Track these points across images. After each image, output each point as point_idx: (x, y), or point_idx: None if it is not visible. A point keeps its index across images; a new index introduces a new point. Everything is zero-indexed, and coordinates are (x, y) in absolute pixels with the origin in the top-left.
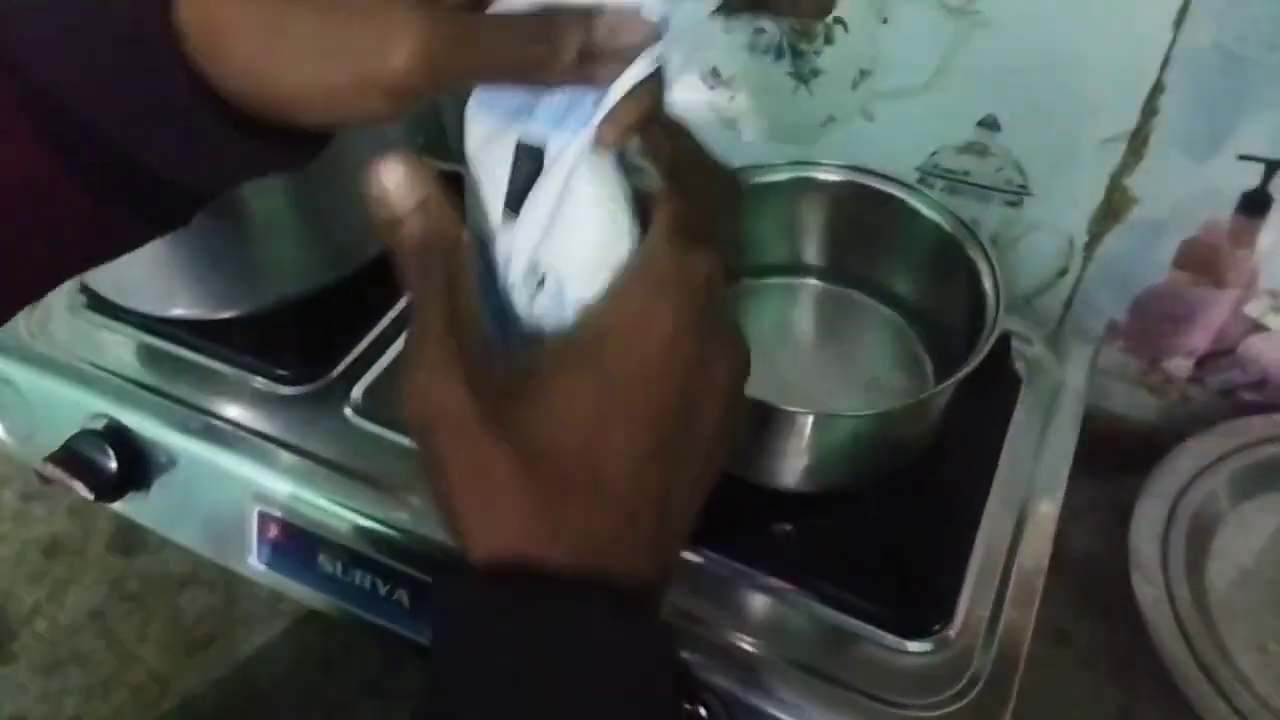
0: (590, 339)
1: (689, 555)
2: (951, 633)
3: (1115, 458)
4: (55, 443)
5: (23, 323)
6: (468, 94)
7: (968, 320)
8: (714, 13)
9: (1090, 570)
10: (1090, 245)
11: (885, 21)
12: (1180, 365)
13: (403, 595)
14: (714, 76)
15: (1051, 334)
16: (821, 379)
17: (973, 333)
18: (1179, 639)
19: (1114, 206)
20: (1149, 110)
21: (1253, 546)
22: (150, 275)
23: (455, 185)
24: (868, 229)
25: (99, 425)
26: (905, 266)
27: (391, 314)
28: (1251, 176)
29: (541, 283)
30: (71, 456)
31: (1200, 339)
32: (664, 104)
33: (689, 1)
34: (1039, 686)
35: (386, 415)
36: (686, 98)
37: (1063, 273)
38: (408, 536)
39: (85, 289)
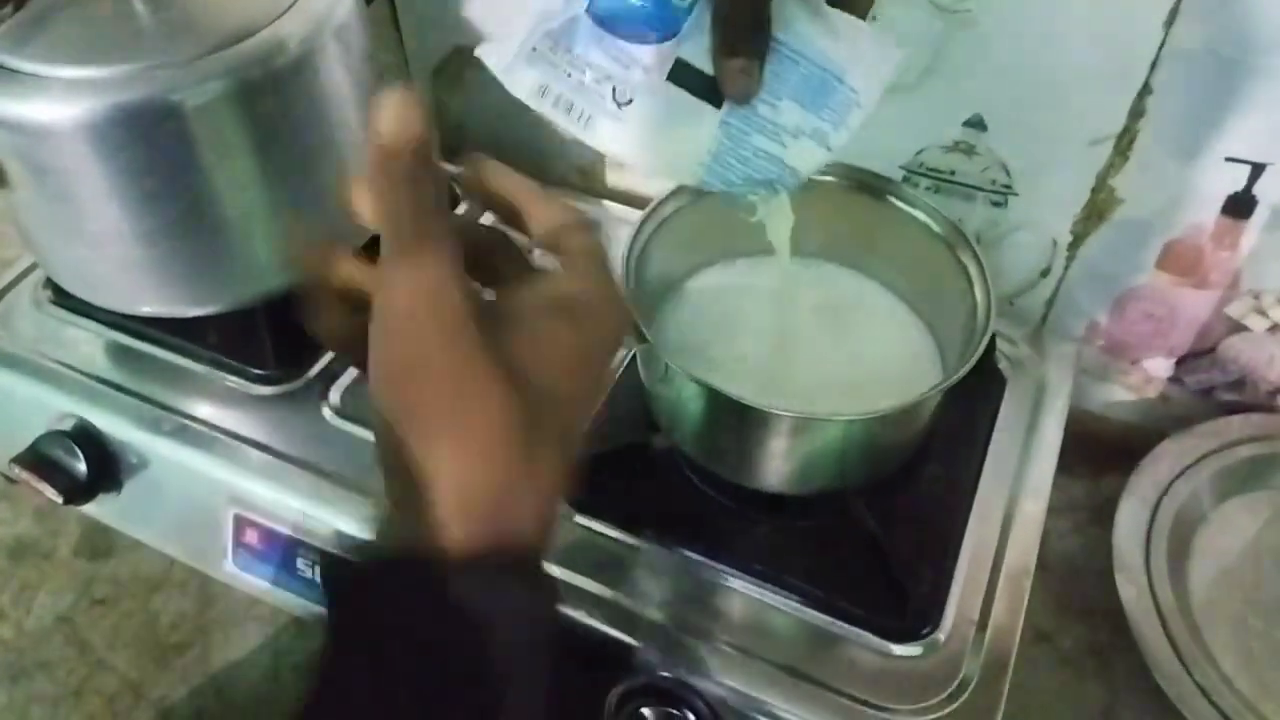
0: (577, 300)
1: (676, 555)
2: (940, 636)
3: (1095, 457)
4: (22, 444)
5: None
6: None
7: (959, 320)
8: None
9: (1071, 569)
10: (1074, 245)
11: (874, 19)
12: (1160, 365)
13: None
14: None
15: (1034, 334)
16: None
17: (965, 332)
18: (1162, 638)
19: (1099, 207)
20: (1136, 111)
21: (1234, 546)
22: (119, 271)
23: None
24: (860, 226)
25: (67, 425)
26: (899, 263)
27: None
28: (1237, 179)
29: None
30: (39, 458)
31: (1181, 339)
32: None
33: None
34: (1021, 686)
35: (365, 416)
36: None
37: (1045, 272)
38: None
39: (50, 284)
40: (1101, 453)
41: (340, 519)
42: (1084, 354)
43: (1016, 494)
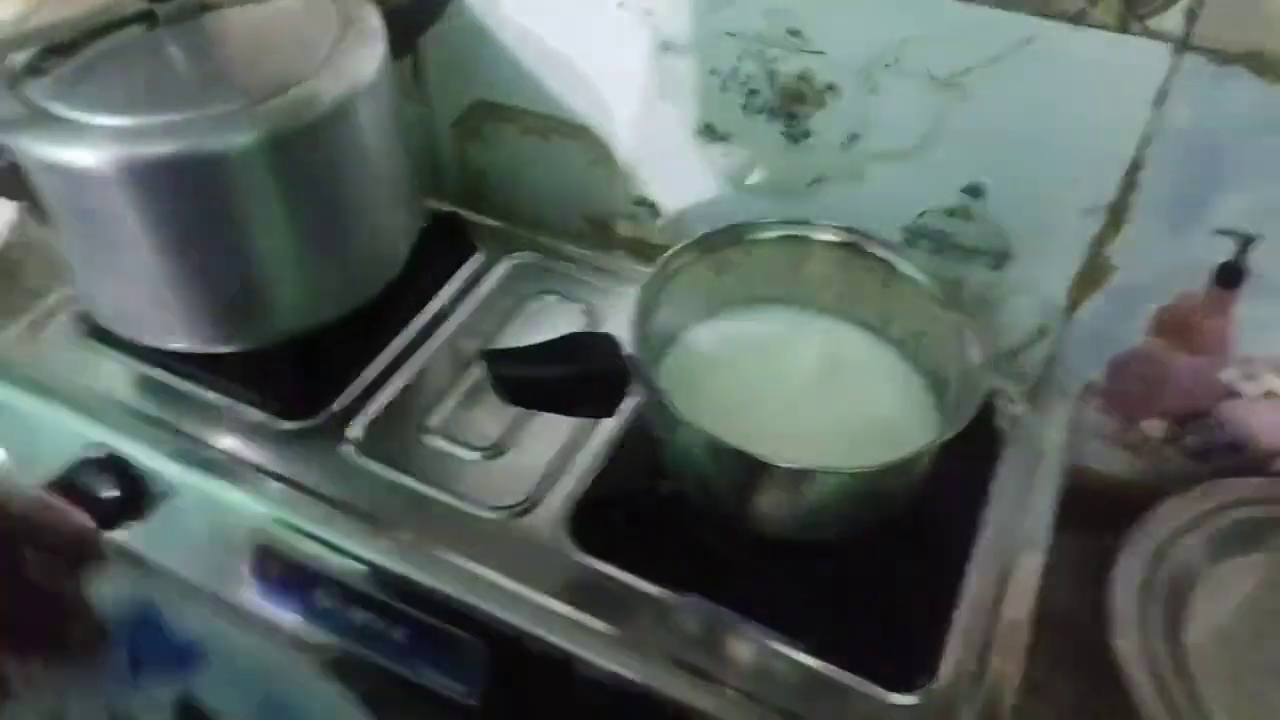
0: None
1: (680, 597)
2: (936, 686)
3: (1092, 513)
4: (55, 470)
5: (21, 349)
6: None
7: (958, 376)
8: None
9: (1067, 624)
10: (1069, 309)
11: (875, 90)
12: (1156, 426)
13: (400, 633)
14: (710, 132)
15: (1032, 391)
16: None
17: (963, 388)
18: (1156, 696)
19: (1093, 273)
20: (1128, 184)
21: (1230, 607)
22: (152, 308)
23: (450, 223)
24: (861, 283)
25: (99, 454)
26: (899, 320)
27: (391, 352)
28: (1227, 250)
29: None
30: (70, 485)
31: (1175, 402)
32: None
33: None
34: None
35: (383, 453)
36: (679, 150)
37: (1043, 333)
38: (403, 574)
39: (85, 317)
40: (1100, 509)
41: (357, 552)
42: (1082, 413)
43: (1014, 547)
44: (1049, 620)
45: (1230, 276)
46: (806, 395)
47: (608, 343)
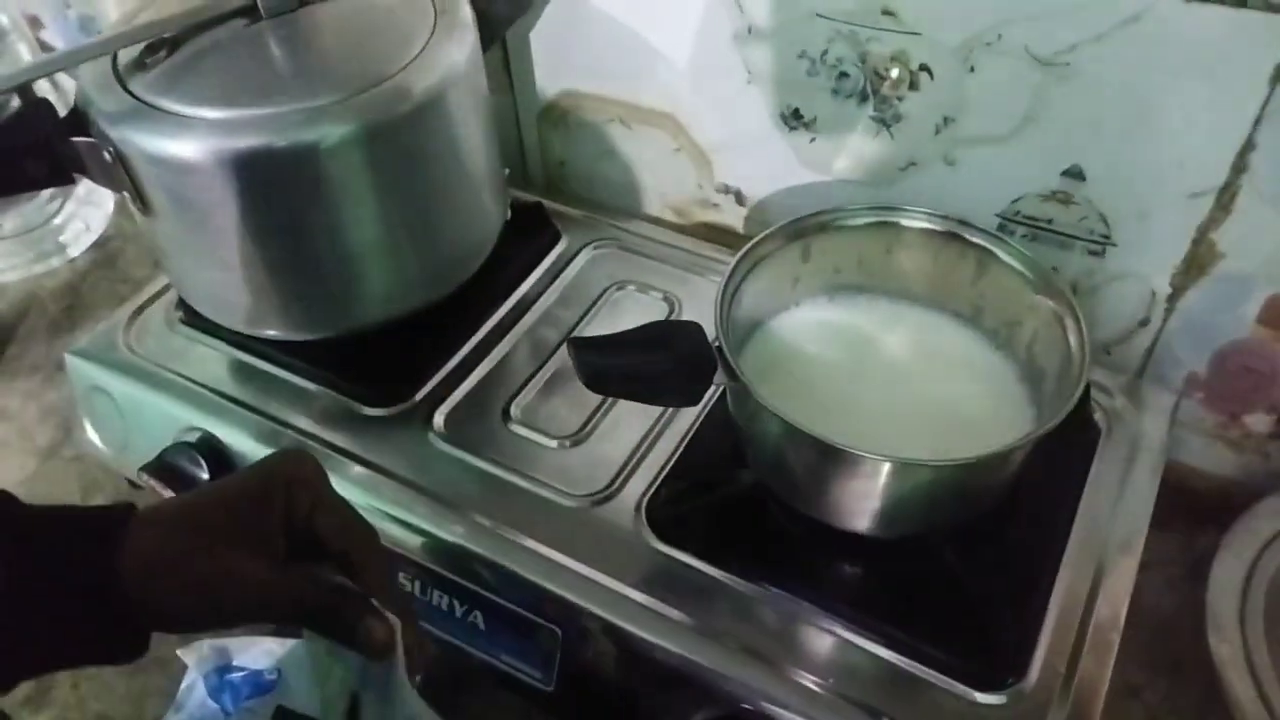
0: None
1: (760, 589)
2: (1025, 687)
3: (1191, 511)
4: (149, 453)
5: (120, 336)
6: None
7: (1054, 367)
8: None
9: (1163, 625)
10: (1173, 297)
11: (973, 70)
12: (1260, 421)
13: (478, 617)
14: (795, 118)
15: (1131, 384)
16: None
17: (1059, 380)
18: (1256, 700)
19: (1199, 260)
20: (1239, 166)
21: None
22: (246, 296)
23: (535, 212)
24: (954, 271)
25: (193, 438)
26: (993, 309)
27: (474, 341)
28: None
29: None
30: (166, 467)
31: None
32: None
33: None
34: None
35: (467, 440)
36: (765, 136)
37: (1144, 323)
38: (483, 558)
39: (181, 304)
40: (1198, 508)
41: (439, 536)
42: (1182, 407)
43: (1108, 546)
44: (1145, 620)
45: None
46: (894, 386)
47: (694, 331)
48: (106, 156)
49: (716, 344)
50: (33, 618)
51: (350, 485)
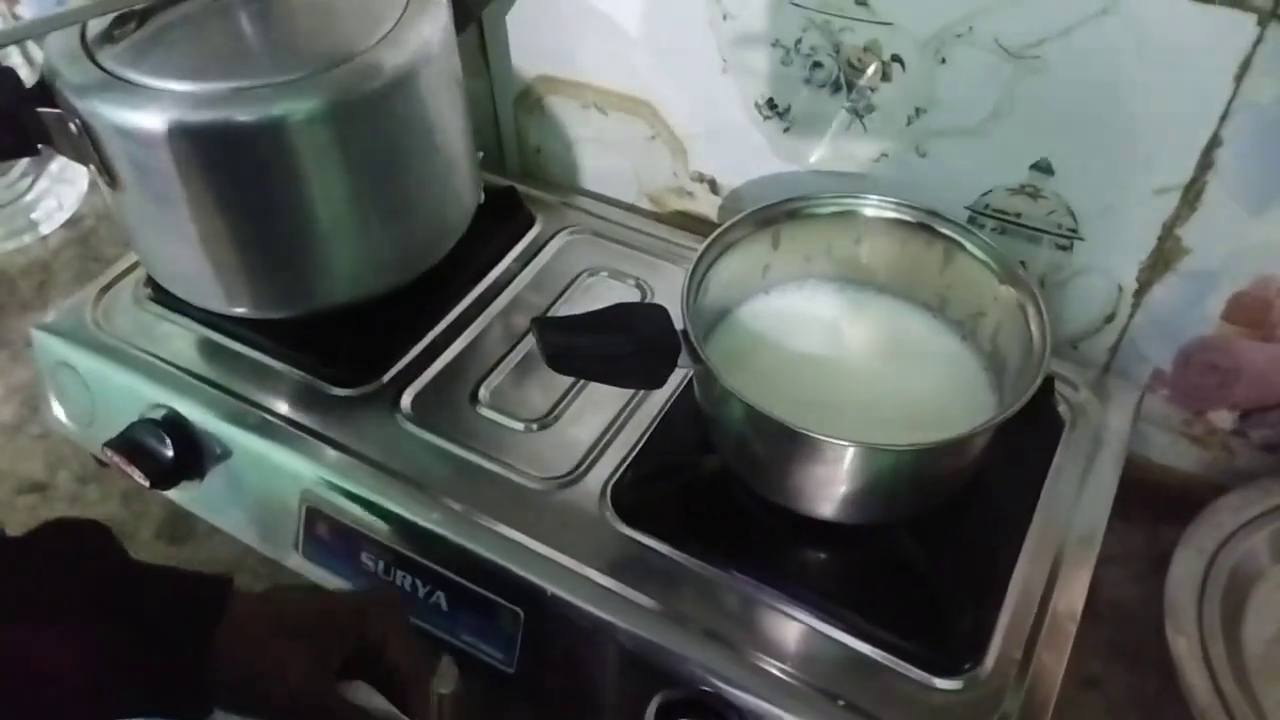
0: None
1: (723, 574)
2: (981, 673)
3: (1154, 506)
4: (114, 429)
5: (88, 312)
6: None
7: (1017, 358)
8: None
9: (1124, 617)
10: (1139, 293)
11: (944, 62)
12: (1224, 418)
13: (440, 597)
14: (770, 107)
15: (1096, 379)
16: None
17: (1022, 370)
18: (1212, 693)
19: (1165, 255)
20: (1204, 163)
21: None
22: (214, 273)
23: (509, 197)
24: (921, 261)
25: (158, 415)
26: (959, 300)
27: (444, 323)
28: None
29: None
30: (130, 443)
31: (1246, 393)
32: None
33: None
34: None
35: (434, 422)
36: (739, 125)
37: (1110, 318)
38: (448, 540)
39: (150, 282)
40: (1162, 502)
41: (404, 516)
42: (1148, 403)
43: (1068, 537)
44: (1106, 613)
45: None
46: (860, 374)
47: (657, 313)
48: (73, 128)
49: (683, 328)
50: (122, 671)
51: (316, 465)
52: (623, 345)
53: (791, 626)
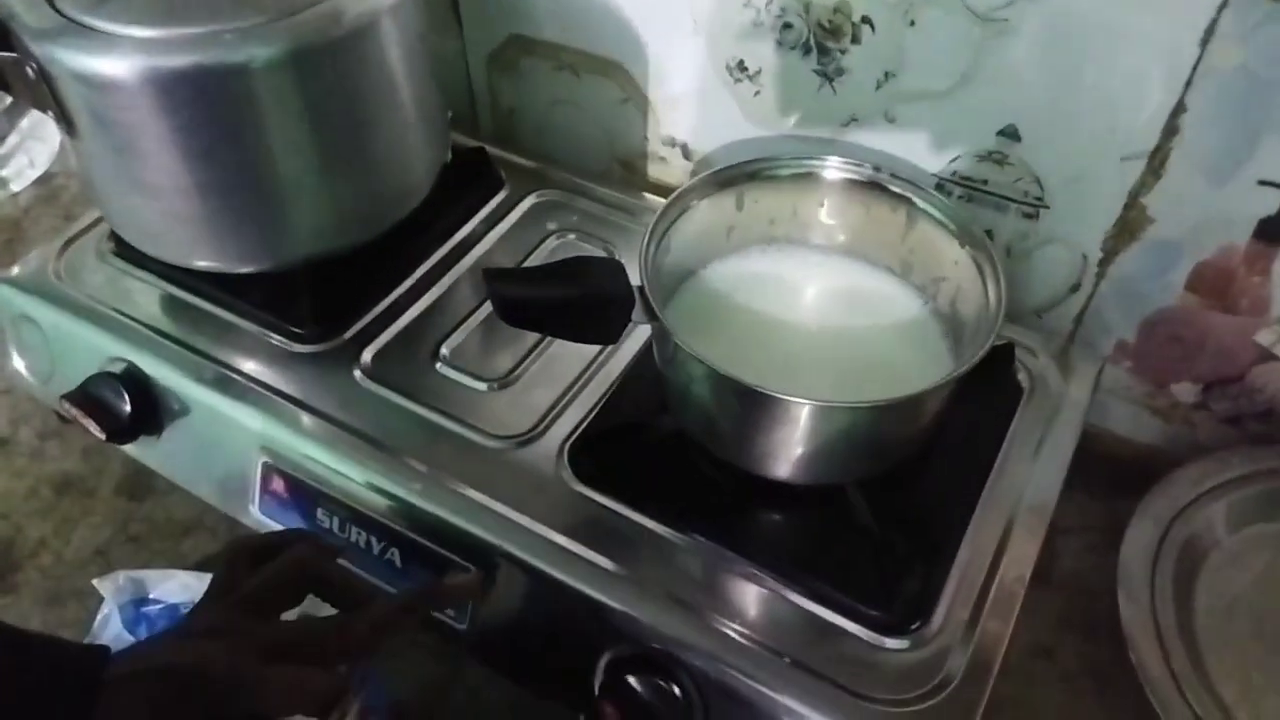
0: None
1: (674, 533)
2: (928, 633)
3: (1114, 478)
4: (74, 383)
5: (50, 265)
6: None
7: (973, 319)
8: None
9: (1079, 587)
10: (1104, 262)
11: (913, 24)
12: (1186, 390)
13: (394, 554)
14: (740, 69)
15: (1059, 349)
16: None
17: (975, 331)
18: (1160, 661)
19: (1130, 225)
20: (1169, 130)
21: (1244, 576)
22: (174, 224)
23: (478, 157)
24: (884, 224)
25: (116, 369)
26: (920, 263)
27: (408, 282)
28: (1270, 202)
29: None
30: (87, 396)
31: (1208, 365)
32: None
33: None
34: (1019, 699)
35: (393, 379)
36: (710, 88)
37: (1075, 288)
38: (403, 497)
39: (113, 236)
40: (1122, 474)
41: (361, 474)
42: (1112, 375)
43: (1021, 504)
44: (1062, 583)
45: (1273, 231)
46: (820, 336)
47: (613, 266)
48: (30, 73)
49: (639, 284)
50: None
51: (273, 421)
52: (575, 297)
53: (743, 585)
